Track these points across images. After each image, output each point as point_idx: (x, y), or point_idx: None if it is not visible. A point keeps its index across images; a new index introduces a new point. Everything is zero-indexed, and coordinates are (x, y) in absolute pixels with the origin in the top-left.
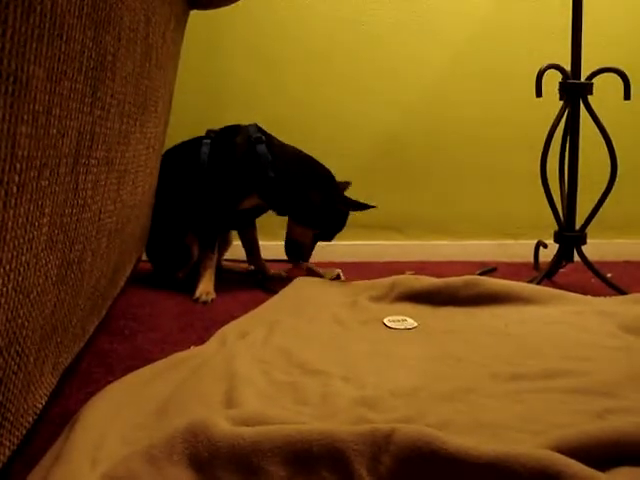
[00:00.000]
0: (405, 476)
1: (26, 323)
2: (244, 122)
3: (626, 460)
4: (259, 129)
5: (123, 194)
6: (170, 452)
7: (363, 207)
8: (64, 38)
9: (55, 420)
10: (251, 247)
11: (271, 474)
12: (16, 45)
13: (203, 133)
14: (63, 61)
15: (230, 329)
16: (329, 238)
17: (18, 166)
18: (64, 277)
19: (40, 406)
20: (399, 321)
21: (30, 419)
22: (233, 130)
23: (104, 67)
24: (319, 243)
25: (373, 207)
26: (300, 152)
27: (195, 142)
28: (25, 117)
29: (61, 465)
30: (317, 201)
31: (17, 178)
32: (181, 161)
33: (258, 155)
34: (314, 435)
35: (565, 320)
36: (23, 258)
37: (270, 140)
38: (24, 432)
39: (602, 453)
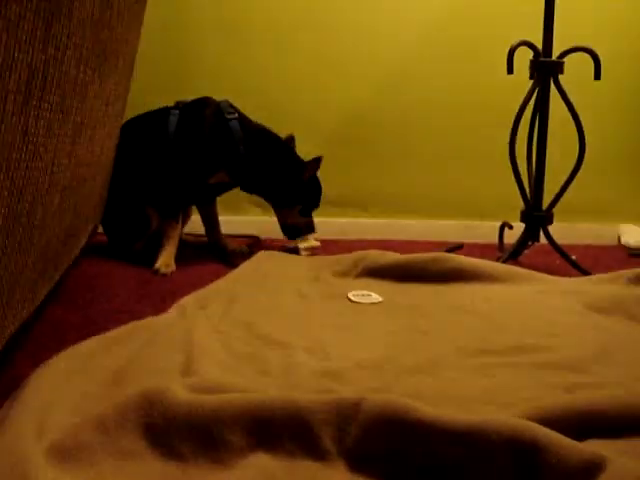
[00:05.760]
0: (373, 446)
1: None
2: (212, 93)
3: (595, 432)
4: (231, 105)
5: (78, 149)
6: (123, 421)
7: (316, 162)
8: None
9: (1, 389)
10: (211, 222)
11: (231, 444)
12: None
13: (170, 104)
14: None
15: (189, 301)
16: (312, 208)
17: None
18: (11, 229)
19: None
20: (364, 296)
21: None
22: (203, 103)
23: (59, 2)
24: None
25: (320, 157)
26: (268, 130)
27: (162, 112)
28: None
29: (4, 435)
30: (288, 180)
31: None
32: (146, 130)
33: (230, 131)
34: (277, 404)
35: (532, 298)
36: None
37: (242, 117)
38: None
39: (572, 425)
